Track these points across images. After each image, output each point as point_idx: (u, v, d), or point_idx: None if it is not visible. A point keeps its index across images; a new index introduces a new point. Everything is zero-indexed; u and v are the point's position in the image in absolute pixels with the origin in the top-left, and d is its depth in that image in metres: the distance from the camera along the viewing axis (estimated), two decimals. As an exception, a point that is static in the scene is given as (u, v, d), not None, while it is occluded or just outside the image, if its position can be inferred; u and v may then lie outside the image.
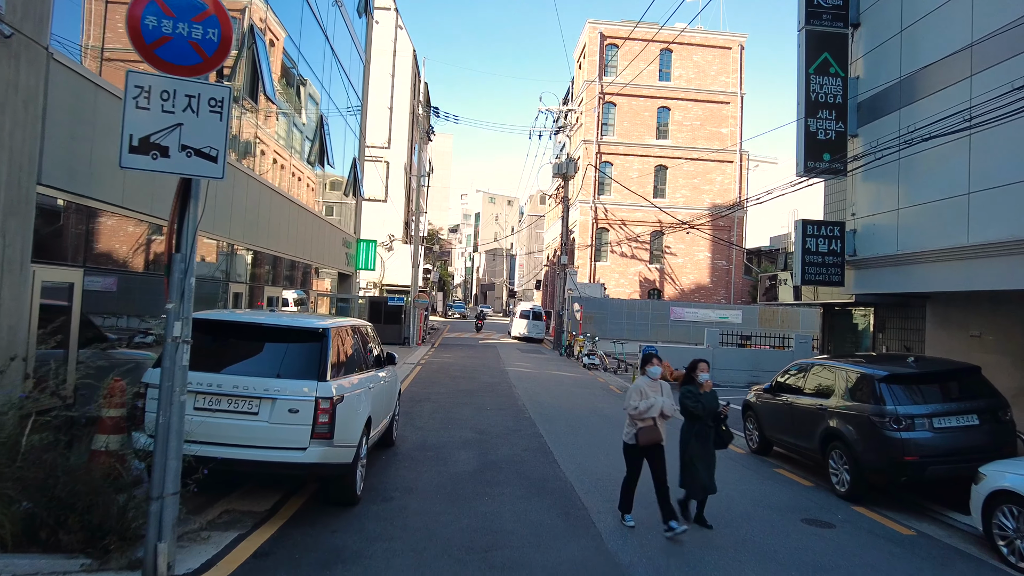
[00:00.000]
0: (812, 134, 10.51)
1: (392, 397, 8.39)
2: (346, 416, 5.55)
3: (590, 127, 37.64)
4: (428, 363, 21.49)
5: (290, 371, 5.41)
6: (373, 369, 7.24)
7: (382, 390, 7.39)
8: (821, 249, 10.66)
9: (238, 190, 9.64)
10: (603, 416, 12.76)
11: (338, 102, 16.52)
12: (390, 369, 8.57)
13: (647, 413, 6.21)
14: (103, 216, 6.99)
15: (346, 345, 6.25)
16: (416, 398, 13.62)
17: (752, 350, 19.91)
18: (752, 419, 10.22)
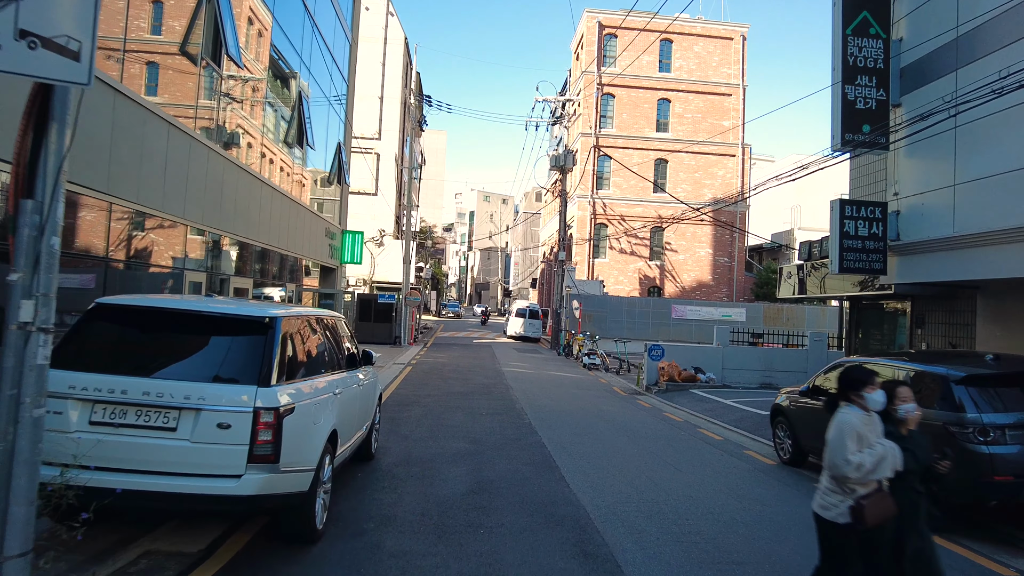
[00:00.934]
0: (850, 103, 9.27)
1: (370, 403, 7.10)
2: (300, 431, 4.26)
3: (588, 119, 36.40)
4: (419, 363, 20.17)
5: (225, 373, 4.10)
6: (344, 370, 5.95)
7: (355, 396, 6.10)
8: (860, 233, 9.41)
9: (194, 161, 8.34)
10: (610, 422, 11.48)
11: (321, 82, 15.22)
12: (369, 371, 7.28)
13: (876, 473, 3.63)
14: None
15: (305, 340, 4.95)
16: (404, 402, 12.32)
17: (764, 349, 18.69)
18: (784, 426, 8.95)
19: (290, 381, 4.33)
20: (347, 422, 5.63)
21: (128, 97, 6.87)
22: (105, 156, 6.48)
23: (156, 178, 7.46)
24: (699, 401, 14.81)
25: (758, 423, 11.90)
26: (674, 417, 12.78)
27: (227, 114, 10.01)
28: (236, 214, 9.73)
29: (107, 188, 6.54)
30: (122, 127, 6.76)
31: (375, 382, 7.60)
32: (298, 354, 4.68)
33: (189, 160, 8.18)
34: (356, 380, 6.24)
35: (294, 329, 4.70)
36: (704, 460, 8.77)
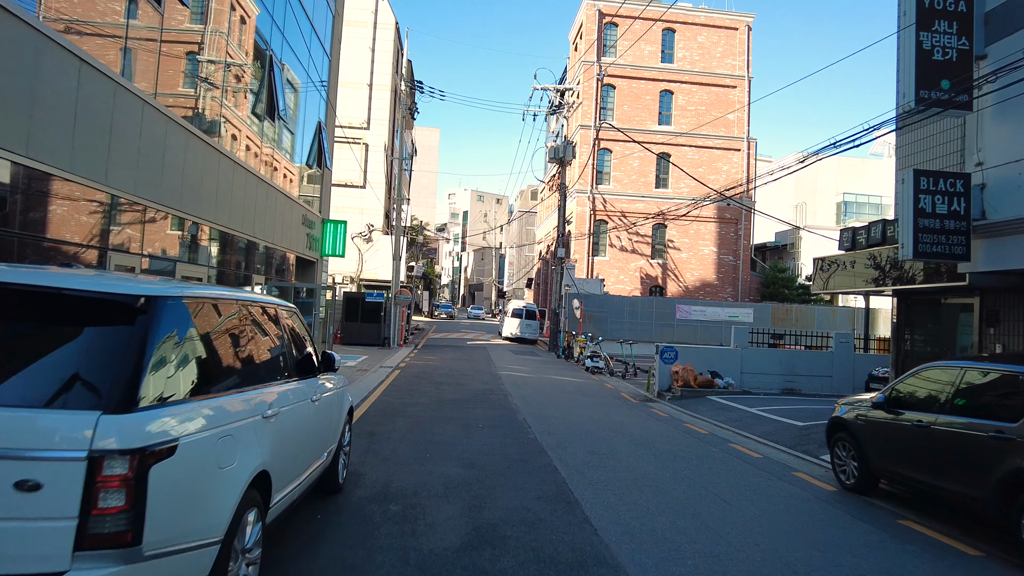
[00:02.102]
0: (926, 53, 7.70)
1: (334, 420, 5.45)
2: (188, 482, 2.62)
3: (587, 111, 34.83)
4: (408, 366, 18.49)
5: (58, 389, 2.43)
6: (294, 380, 4.32)
7: (308, 415, 4.45)
8: (939, 210, 7.82)
9: (129, 122, 6.68)
10: (628, 436, 9.84)
11: (298, 50, 13.56)
12: (334, 379, 5.63)
13: None
14: None
15: (217, 338, 3.29)
16: (388, 411, 10.65)
17: (785, 351, 17.13)
18: (846, 444, 7.35)
19: (176, 402, 2.67)
20: (291, 454, 3.98)
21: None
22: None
23: (57, 124, 5.77)
24: (720, 410, 13.21)
25: (797, 437, 10.31)
26: (698, 429, 11.16)
27: (172, 68, 8.34)
28: (184, 186, 8.05)
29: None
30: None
31: (343, 393, 5.95)
32: (201, 358, 3.02)
33: (113, 110, 6.51)
34: (310, 393, 4.59)
35: (196, 320, 3.04)
36: (751, 487, 7.15)
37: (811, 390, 16.23)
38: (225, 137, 10.32)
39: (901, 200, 7.94)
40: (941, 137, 8.99)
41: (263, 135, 11.62)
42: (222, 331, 3.35)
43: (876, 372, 15.59)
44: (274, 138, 12.32)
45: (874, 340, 17.94)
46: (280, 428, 3.72)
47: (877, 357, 17.10)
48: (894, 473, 6.59)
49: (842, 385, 16.44)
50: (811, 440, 10.02)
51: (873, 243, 10.29)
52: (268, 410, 3.55)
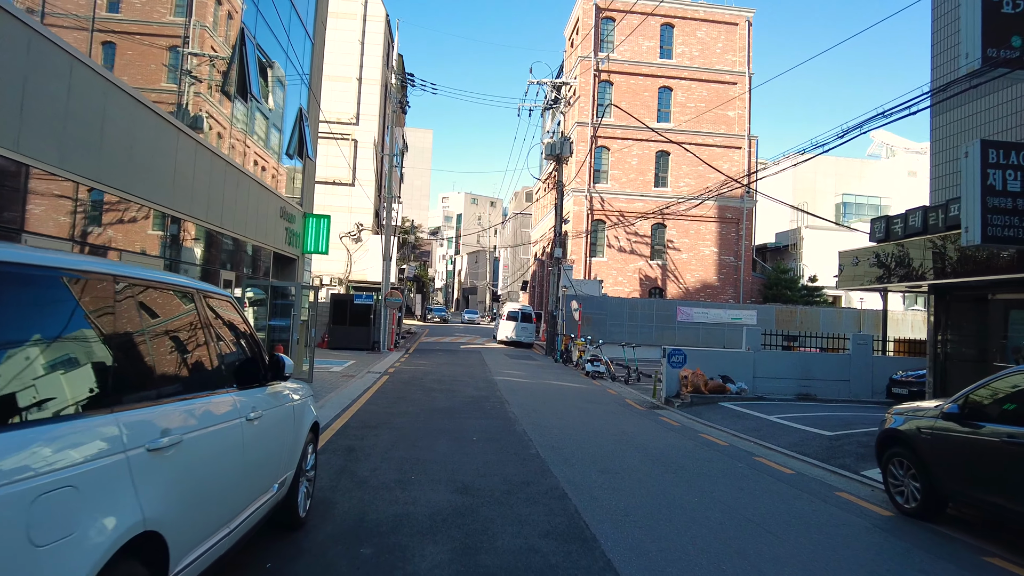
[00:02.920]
0: (993, 6, 6.67)
1: (285, 444, 4.30)
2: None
3: (584, 108, 33.81)
4: (398, 372, 17.34)
5: None
6: (218, 392, 3.18)
7: (238, 439, 3.31)
8: (1011, 188, 6.76)
9: (54, 82, 5.55)
10: (642, 450, 8.73)
11: (277, 33, 12.45)
12: (297, 388, 4.52)
13: None
14: None
15: (72, 328, 2.15)
16: (371, 423, 9.51)
17: (800, 354, 16.07)
18: (905, 462, 6.26)
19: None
20: (210, 496, 2.85)
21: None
22: None
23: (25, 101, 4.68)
24: (736, 418, 12.12)
25: (827, 448, 9.22)
26: (715, 440, 10.06)
27: (124, 31, 7.22)
28: (131, 164, 6.90)
29: None
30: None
31: (302, 407, 4.80)
32: (27, 362, 1.88)
33: (50, 74, 5.39)
34: (247, 409, 3.45)
35: (26, 300, 1.90)
36: (795, 513, 6.05)
37: (827, 395, 15.19)
38: (213, 134, 9.21)
39: (966, 176, 6.87)
40: (1010, 107, 7.93)
41: (234, 117, 10.49)
42: (85, 320, 2.22)
43: (898, 376, 14.57)
44: (247, 122, 11.18)
45: (892, 341, 16.90)
46: (187, 462, 2.59)
47: (897, 360, 16.07)
48: (973, 498, 5.49)
49: (860, 389, 15.40)
50: (844, 452, 8.94)
51: (911, 232, 9.24)
52: (162, 438, 2.42)
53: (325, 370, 16.45)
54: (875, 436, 9.92)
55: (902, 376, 14.35)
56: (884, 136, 69.62)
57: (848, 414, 12.49)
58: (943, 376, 9.68)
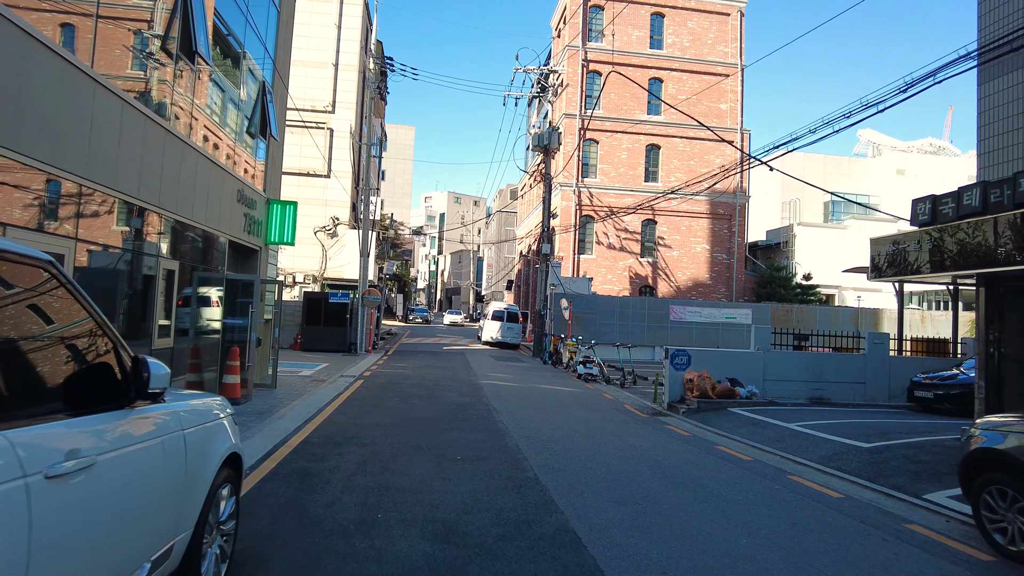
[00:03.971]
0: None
1: (171, 492, 2.83)
2: None
3: (572, 99, 32.51)
4: (374, 375, 15.84)
5: None
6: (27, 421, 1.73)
7: (58, 498, 1.84)
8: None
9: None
10: (658, 469, 7.36)
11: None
12: (190, 411, 3.06)
13: None
14: None
15: None
16: (337, 437, 8.04)
17: (812, 354, 14.82)
18: (1014, 492, 4.92)
19: None
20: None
21: None
22: None
23: None
24: (751, 426, 10.82)
25: (869, 464, 7.91)
26: (736, 454, 8.73)
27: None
28: (19, 114, 5.40)
29: None
30: None
31: (206, 436, 3.29)
32: None
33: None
34: (86, 445, 1.99)
35: None
36: (872, 557, 4.71)
37: (841, 399, 13.97)
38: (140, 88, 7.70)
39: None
40: None
41: (177, 80, 8.97)
42: None
43: (920, 378, 13.36)
44: (194, 88, 9.65)
45: (908, 340, 15.72)
46: None
47: (913, 360, 14.89)
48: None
49: (876, 392, 14.21)
50: (891, 469, 7.64)
51: (967, 212, 7.99)
52: None
53: (293, 374, 14.93)
54: (921, 448, 8.70)
55: (925, 378, 13.15)
56: (870, 135, 69.29)
57: (874, 421, 11.25)
58: (997, 380, 8.44)
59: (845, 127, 9.57)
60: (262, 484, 5.90)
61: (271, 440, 7.82)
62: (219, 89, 10.94)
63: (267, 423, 8.89)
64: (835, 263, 39.23)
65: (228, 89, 11.43)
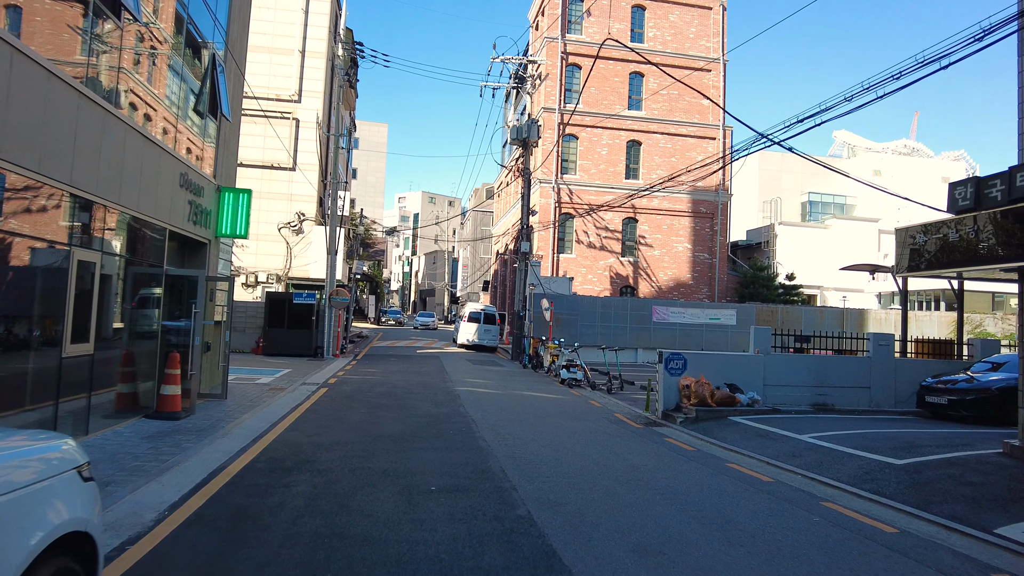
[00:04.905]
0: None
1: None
2: None
3: (551, 93, 31.40)
4: (340, 382, 14.45)
5: None
6: None
7: None
8: None
9: None
10: (672, 497, 6.18)
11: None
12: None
13: None
14: None
15: None
16: (287, 461, 6.71)
17: (815, 357, 13.81)
18: None
19: None
20: None
21: None
22: None
23: None
24: (759, 438, 9.72)
25: (911, 486, 6.82)
26: (752, 472, 7.60)
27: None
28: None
29: None
30: None
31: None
32: None
33: None
34: None
35: None
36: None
37: (846, 405, 13.00)
38: (36, 29, 6.30)
39: None
40: None
41: (95, 37, 7.56)
42: None
43: (930, 382, 12.42)
44: (118, 48, 8.24)
45: (912, 341, 14.82)
46: None
47: (918, 363, 13.98)
48: None
49: (882, 398, 13.27)
50: (939, 492, 6.55)
51: (1020, 196, 6.95)
52: None
53: (250, 382, 13.50)
54: (964, 466, 7.58)
55: (937, 383, 12.21)
56: (845, 136, 69.57)
57: (892, 430, 10.23)
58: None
59: (846, 112, 8.70)
60: (179, 532, 4.57)
61: (206, 467, 6.47)
62: (154, 55, 9.50)
63: (206, 443, 7.51)
64: (816, 263, 38.74)
65: (172, 60, 9.99)
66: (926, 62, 7.19)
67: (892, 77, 7.73)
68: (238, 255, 23.31)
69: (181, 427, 8.47)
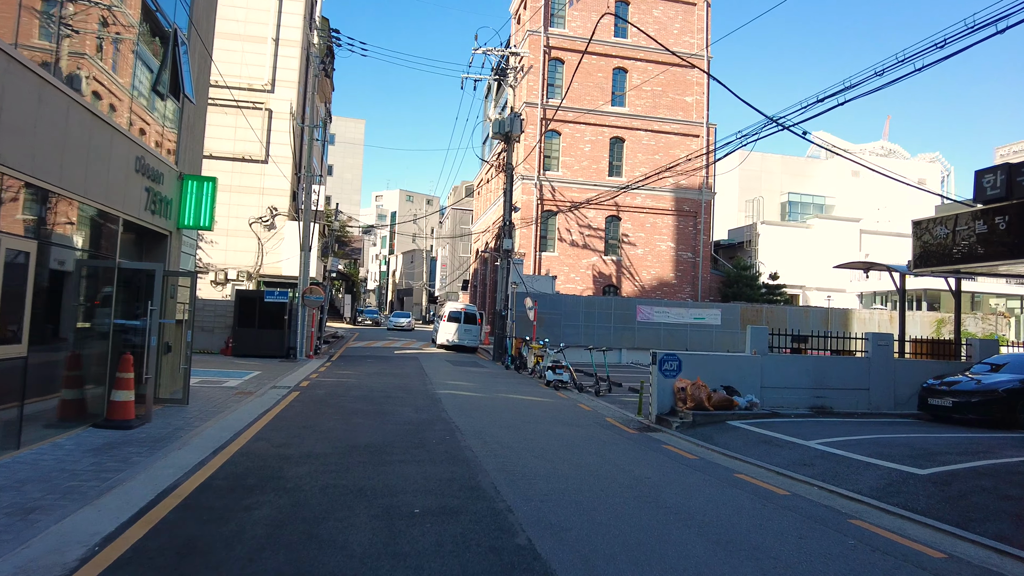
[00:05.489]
0: None
1: None
2: None
3: (534, 87, 30.72)
4: (314, 385, 13.58)
5: None
6: None
7: None
8: None
9: None
10: (688, 519, 5.51)
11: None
12: None
13: None
14: None
15: None
16: (249, 478, 5.89)
17: (813, 358, 13.26)
18: None
19: None
20: None
21: None
22: None
23: None
24: (763, 444, 9.10)
25: (944, 501, 6.22)
26: (767, 486, 6.95)
27: None
28: None
29: None
30: None
31: None
32: None
33: None
34: None
35: None
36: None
37: (844, 407, 12.50)
38: None
39: None
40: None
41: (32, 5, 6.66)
42: None
43: (933, 384, 11.94)
44: (60, 13, 7.33)
45: (909, 342, 14.38)
46: None
47: (919, 364, 13.53)
48: None
49: (882, 400, 12.80)
50: (977, 508, 5.96)
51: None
52: None
53: (217, 385, 12.58)
54: (996, 477, 6.94)
55: (940, 384, 11.72)
56: (823, 137, 69.96)
57: (902, 436, 9.70)
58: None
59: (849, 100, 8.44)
60: (111, 574, 3.74)
61: (155, 486, 5.63)
62: (105, 25, 8.59)
63: (159, 456, 6.65)
64: (798, 262, 38.58)
65: (126, 34, 9.06)
66: (905, 59, 6.59)
67: (845, 86, 7.15)
68: (207, 251, 22.23)
69: (132, 437, 7.58)
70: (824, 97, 9.05)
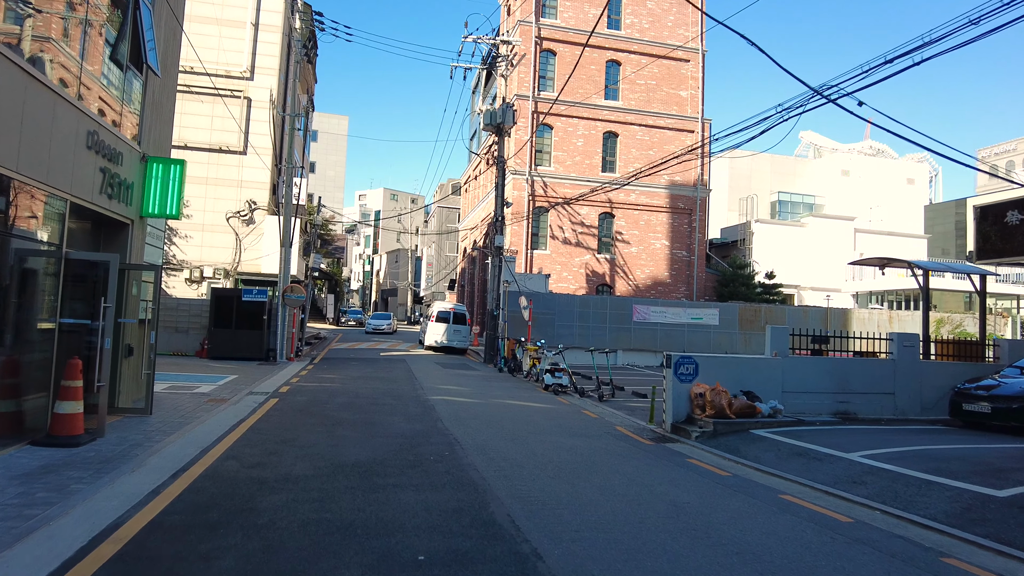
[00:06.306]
0: None
1: None
2: None
3: (525, 79, 29.70)
4: (294, 391, 12.41)
5: None
6: None
7: None
8: None
9: None
10: (756, 562, 4.46)
11: None
12: None
13: None
14: None
15: None
16: (212, 514, 4.77)
17: (835, 360, 12.34)
18: None
19: None
20: None
21: None
22: None
23: None
24: (799, 457, 8.14)
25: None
26: (824, 510, 5.97)
27: None
28: None
29: None
30: None
31: None
32: None
33: None
34: None
35: None
36: None
37: (869, 413, 11.62)
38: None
39: None
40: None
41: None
42: None
43: (966, 388, 11.08)
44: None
45: (934, 343, 13.52)
46: None
47: (946, 366, 12.68)
48: None
49: (908, 405, 11.93)
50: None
51: None
52: None
53: (187, 391, 11.38)
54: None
55: (976, 388, 10.85)
56: (812, 137, 69.72)
57: (949, 446, 8.81)
58: None
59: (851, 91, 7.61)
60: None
61: (91, 525, 4.50)
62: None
63: (105, 483, 5.51)
64: (793, 261, 37.95)
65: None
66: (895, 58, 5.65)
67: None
68: (181, 247, 20.93)
69: (77, 457, 6.42)
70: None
